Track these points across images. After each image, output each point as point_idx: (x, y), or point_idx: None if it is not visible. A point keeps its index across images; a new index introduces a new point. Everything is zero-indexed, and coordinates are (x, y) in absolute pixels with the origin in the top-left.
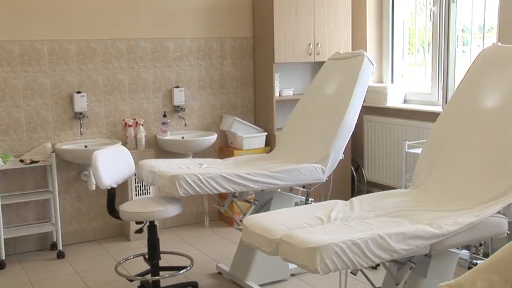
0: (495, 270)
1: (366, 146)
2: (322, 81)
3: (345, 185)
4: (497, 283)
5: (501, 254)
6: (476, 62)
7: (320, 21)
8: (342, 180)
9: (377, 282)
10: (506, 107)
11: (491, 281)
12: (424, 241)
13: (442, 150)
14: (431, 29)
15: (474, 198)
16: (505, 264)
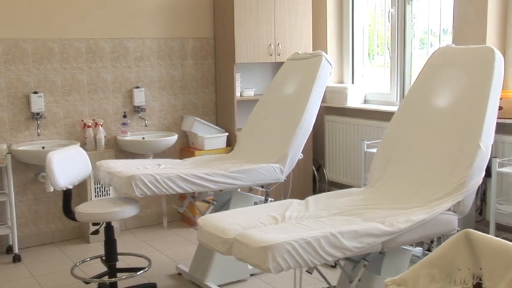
0: (436, 265)
1: (327, 146)
2: (280, 82)
3: (306, 185)
4: (438, 277)
5: (441, 250)
6: (429, 63)
7: (281, 21)
8: (303, 180)
9: (335, 281)
10: (456, 107)
11: (432, 275)
12: (376, 239)
13: (396, 149)
14: (390, 30)
15: (426, 196)
16: (445, 259)
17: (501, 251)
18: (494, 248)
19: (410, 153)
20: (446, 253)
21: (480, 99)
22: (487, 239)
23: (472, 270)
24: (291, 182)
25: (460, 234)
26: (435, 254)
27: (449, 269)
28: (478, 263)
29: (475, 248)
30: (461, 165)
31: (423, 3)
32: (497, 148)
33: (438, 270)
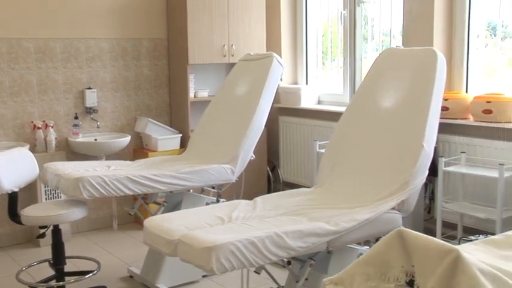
0: (371, 264)
1: (281, 147)
2: (232, 83)
3: (260, 186)
4: (373, 275)
5: (376, 249)
6: (375, 65)
7: (234, 22)
8: (258, 180)
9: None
10: (400, 107)
11: (368, 274)
12: (321, 238)
13: (343, 149)
14: (343, 32)
15: (371, 196)
16: (380, 258)
17: (431, 249)
18: (425, 245)
19: (356, 153)
20: (380, 252)
21: (423, 100)
22: (418, 237)
23: (405, 267)
24: (244, 182)
25: (394, 233)
26: (370, 252)
27: (384, 267)
28: (410, 260)
29: (408, 246)
30: (405, 164)
31: (375, 5)
32: (444, 148)
33: (373, 268)
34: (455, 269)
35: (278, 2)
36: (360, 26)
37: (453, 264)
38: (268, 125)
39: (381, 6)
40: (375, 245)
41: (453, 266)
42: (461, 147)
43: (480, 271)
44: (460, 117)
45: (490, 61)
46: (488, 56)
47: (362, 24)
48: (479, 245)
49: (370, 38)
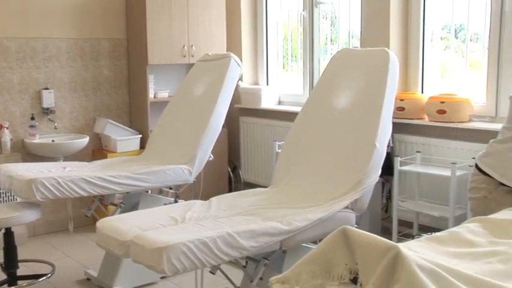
0: (316, 262)
1: (242, 147)
2: (191, 83)
3: (221, 186)
4: (318, 274)
5: (321, 247)
6: (330, 65)
7: (194, 23)
8: (219, 181)
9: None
10: (354, 108)
11: (313, 272)
12: (274, 238)
13: (299, 149)
14: (302, 33)
15: (325, 195)
16: (325, 256)
17: (372, 246)
18: (367, 243)
19: (311, 153)
20: (325, 250)
21: (376, 100)
22: (361, 235)
23: (349, 265)
24: (205, 183)
25: (337, 232)
26: (315, 251)
27: (329, 266)
28: (354, 258)
29: (351, 244)
30: (358, 164)
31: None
32: (400, 147)
33: (318, 267)
34: (395, 266)
35: (238, 2)
36: (318, 27)
37: (393, 260)
38: (229, 126)
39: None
40: (320, 244)
41: (393, 263)
42: (416, 147)
43: (419, 267)
44: (416, 117)
45: (449, 63)
46: (446, 57)
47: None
48: (423, 242)
49: (331, 39)
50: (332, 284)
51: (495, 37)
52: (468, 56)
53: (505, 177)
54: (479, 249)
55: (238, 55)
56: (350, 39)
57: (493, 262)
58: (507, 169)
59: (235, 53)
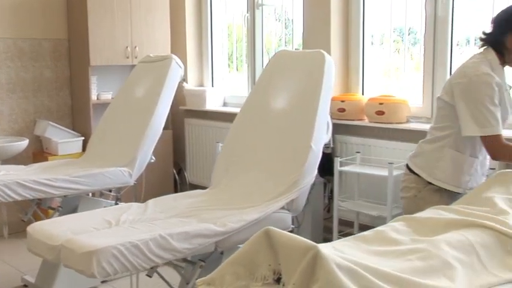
0: (240, 263)
1: (187, 149)
2: (132, 84)
3: (166, 188)
4: (243, 275)
5: (245, 248)
6: (268, 66)
7: (138, 23)
8: (164, 183)
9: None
10: (290, 109)
11: (238, 273)
12: (208, 239)
13: (237, 150)
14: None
15: (262, 196)
16: (248, 257)
17: (294, 246)
18: (289, 243)
19: (249, 155)
20: (249, 251)
21: (311, 102)
22: (283, 236)
23: (273, 266)
24: (150, 185)
25: (261, 233)
26: (239, 252)
27: (252, 266)
28: (277, 259)
29: (274, 245)
30: (294, 165)
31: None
32: (341, 148)
33: (243, 268)
34: (314, 265)
35: (183, 3)
36: (261, 29)
37: (312, 260)
38: (174, 127)
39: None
40: (244, 245)
41: (313, 262)
42: (357, 148)
43: (337, 266)
44: (356, 118)
45: (396, 65)
46: (395, 60)
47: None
48: (349, 241)
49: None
50: (256, 285)
51: (430, 40)
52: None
53: (432, 176)
54: (402, 247)
55: (183, 56)
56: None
57: (412, 259)
58: (434, 169)
59: (180, 54)
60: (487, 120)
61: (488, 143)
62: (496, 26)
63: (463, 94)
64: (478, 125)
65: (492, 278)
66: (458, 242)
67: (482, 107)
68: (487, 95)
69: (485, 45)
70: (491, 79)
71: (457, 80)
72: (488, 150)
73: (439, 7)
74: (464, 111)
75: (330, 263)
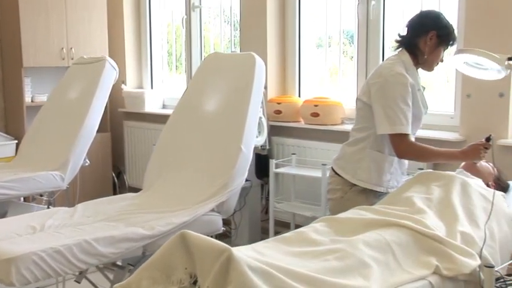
0: (157, 267)
1: (126, 152)
2: (65, 87)
3: (105, 192)
4: (159, 279)
5: (161, 252)
6: (199, 69)
7: (73, 24)
8: (103, 186)
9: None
10: (222, 111)
11: (154, 277)
12: (135, 243)
13: (170, 152)
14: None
15: (192, 198)
16: (164, 261)
17: (208, 249)
18: (204, 246)
19: (182, 157)
20: (165, 255)
21: (241, 104)
22: (199, 239)
23: (189, 269)
24: (87, 189)
25: (176, 236)
26: (155, 256)
27: (169, 270)
28: (193, 262)
29: (190, 248)
30: (224, 167)
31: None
32: (278, 150)
33: (159, 272)
34: (227, 268)
35: (120, 3)
36: (197, 31)
37: (226, 263)
38: (112, 130)
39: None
40: (160, 249)
41: (226, 265)
42: (293, 149)
43: (250, 268)
44: (292, 120)
45: (337, 67)
46: (337, 62)
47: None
48: (270, 242)
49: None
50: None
51: (363, 43)
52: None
53: (356, 177)
54: (320, 248)
55: (122, 58)
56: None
57: (329, 259)
58: (357, 170)
59: (119, 55)
60: (398, 118)
61: (395, 141)
62: (411, 29)
63: (378, 93)
64: (390, 123)
65: (406, 275)
66: (375, 241)
67: (395, 106)
68: (400, 94)
69: (400, 47)
70: (405, 79)
71: (374, 80)
72: (394, 147)
73: (370, 11)
74: (378, 110)
75: (242, 265)
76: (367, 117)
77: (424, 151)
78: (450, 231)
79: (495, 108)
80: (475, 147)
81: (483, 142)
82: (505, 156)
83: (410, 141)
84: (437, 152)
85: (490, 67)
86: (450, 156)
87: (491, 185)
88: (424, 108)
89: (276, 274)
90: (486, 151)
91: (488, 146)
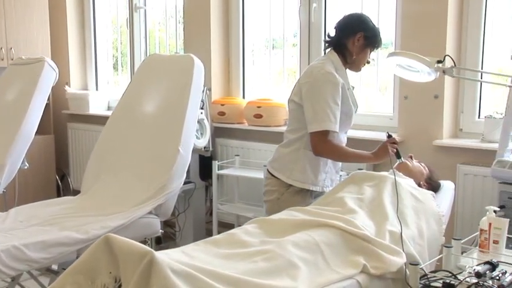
0: (81, 272)
1: (71, 154)
2: (2, 88)
3: (48, 195)
4: (83, 283)
5: (85, 256)
6: (138, 70)
7: (13, 24)
8: (46, 190)
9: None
10: (160, 113)
11: (78, 282)
12: (68, 248)
13: (108, 155)
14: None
15: (130, 201)
16: (88, 265)
17: (131, 252)
18: (127, 249)
19: (120, 159)
20: (89, 259)
21: (180, 105)
22: (122, 242)
23: (113, 273)
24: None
25: (100, 240)
26: (79, 260)
27: (93, 274)
28: (117, 265)
29: (115, 252)
30: (162, 169)
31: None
32: (222, 151)
33: (83, 276)
34: (150, 271)
35: (63, 2)
36: (139, 32)
37: (148, 266)
38: (56, 132)
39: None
40: (84, 253)
41: (148, 268)
42: (236, 151)
43: (173, 271)
44: (236, 121)
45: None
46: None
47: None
48: (200, 245)
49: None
50: None
51: (305, 46)
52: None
53: (291, 178)
54: (250, 249)
55: (65, 58)
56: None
57: (257, 261)
58: (293, 170)
59: (62, 55)
60: (326, 116)
61: (315, 138)
62: (339, 30)
63: (308, 92)
64: (318, 121)
65: (334, 275)
66: (304, 241)
67: (324, 104)
68: (330, 93)
69: (330, 47)
70: (335, 79)
71: (305, 79)
72: (312, 144)
73: (312, 14)
74: (308, 109)
75: (165, 268)
76: (299, 118)
77: (340, 151)
78: (379, 230)
79: (430, 110)
80: (382, 147)
81: (387, 140)
82: (440, 156)
83: (329, 140)
84: (353, 153)
85: (421, 69)
86: (364, 158)
87: (423, 185)
88: (354, 106)
89: (199, 276)
90: (395, 146)
91: (395, 141)
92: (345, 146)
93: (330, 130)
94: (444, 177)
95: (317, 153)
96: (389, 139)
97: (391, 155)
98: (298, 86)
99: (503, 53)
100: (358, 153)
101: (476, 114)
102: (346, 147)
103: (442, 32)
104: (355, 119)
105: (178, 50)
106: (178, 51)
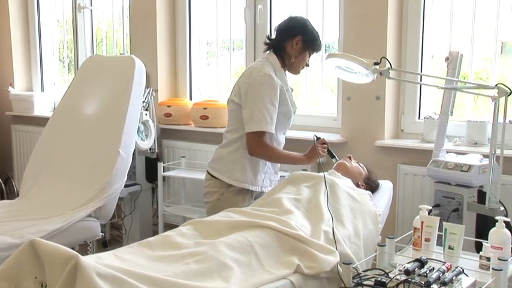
0: (5, 278)
1: (15, 157)
2: None
3: None
4: None
5: (9, 262)
6: (79, 71)
7: None
8: None
9: None
10: (101, 114)
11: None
12: (3, 253)
13: (48, 157)
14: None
15: (69, 204)
16: (13, 271)
17: (57, 256)
18: (53, 254)
19: (60, 161)
20: (13, 264)
21: (120, 107)
22: (48, 246)
23: (39, 278)
24: None
25: (25, 245)
26: (3, 266)
27: (17, 280)
28: (43, 270)
29: (40, 256)
30: (102, 171)
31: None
32: (168, 153)
33: (7, 282)
34: (75, 275)
35: (5, 1)
36: (83, 32)
37: (73, 270)
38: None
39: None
40: (8, 258)
41: (73, 272)
42: (183, 152)
43: (98, 275)
44: (183, 123)
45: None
46: (218, 67)
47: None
48: (134, 247)
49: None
50: None
51: (251, 47)
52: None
53: (232, 178)
54: (183, 251)
55: (9, 58)
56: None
57: (189, 263)
58: (232, 170)
59: (5, 55)
60: (263, 117)
61: (250, 138)
62: (279, 33)
63: (247, 93)
64: (255, 122)
65: (267, 275)
66: (238, 243)
67: (261, 105)
68: (267, 94)
69: (269, 49)
70: (273, 81)
71: (244, 80)
72: (247, 144)
73: (257, 15)
74: (246, 110)
75: (90, 272)
76: (239, 118)
77: (273, 152)
78: (315, 230)
79: (372, 111)
80: (312, 148)
81: (315, 141)
82: (381, 156)
83: (264, 141)
84: (285, 155)
85: (359, 71)
86: (296, 159)
87: (362, 185)
88: (293, 107)
89: (127, 280)
90: (325, 147)
91: (324, 142)
92: (280, 148)
93: (266, 131)
94: (385, 177)
95: (251, 153)
96: (318, 140)
97: (321, 155)
98: (237, 87)
99: (440, 53)
100: (291, 155)
101: (416, 115)
102: (279, 149)
103: (383, 34)
104: (301, 120)
105: (125, 51)
106: (126, 52)
